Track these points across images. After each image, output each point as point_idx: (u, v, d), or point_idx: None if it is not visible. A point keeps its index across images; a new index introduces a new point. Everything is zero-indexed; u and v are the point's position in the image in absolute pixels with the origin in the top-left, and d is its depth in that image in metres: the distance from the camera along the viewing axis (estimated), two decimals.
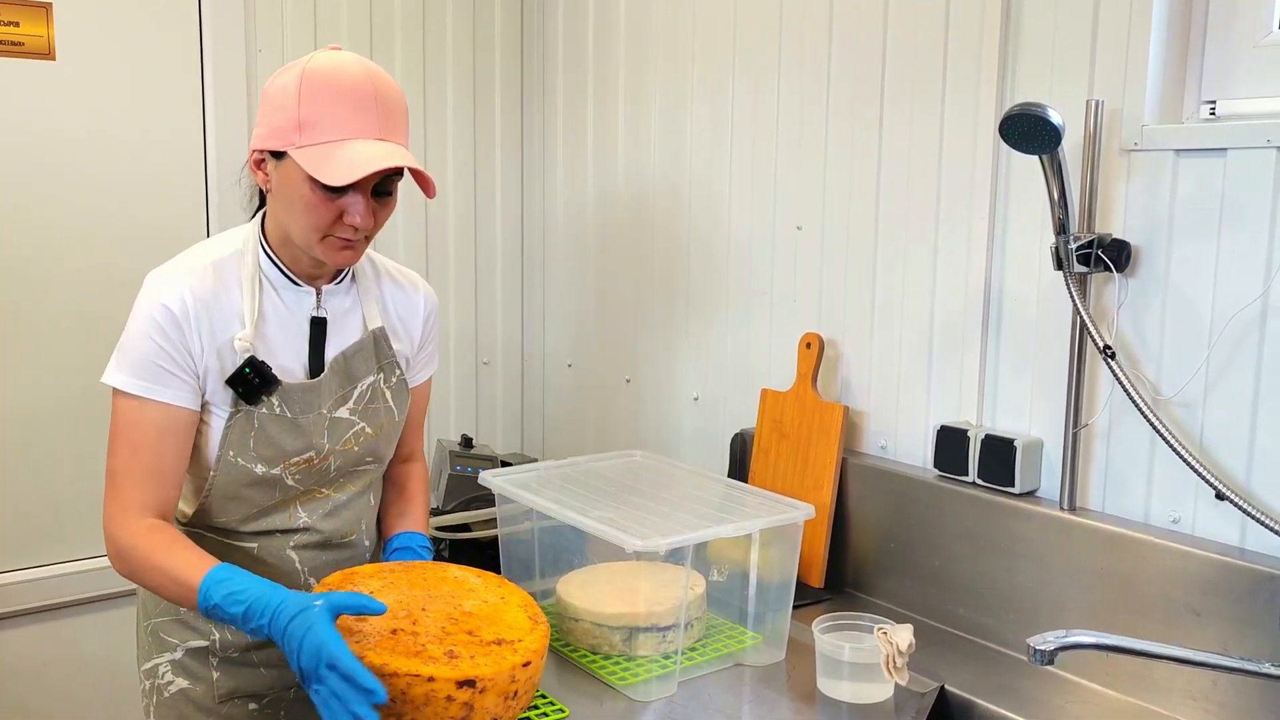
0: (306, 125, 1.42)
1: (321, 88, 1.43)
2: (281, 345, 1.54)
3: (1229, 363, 1.53)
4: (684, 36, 2.37)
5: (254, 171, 1.51)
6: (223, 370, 1.49)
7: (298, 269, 1.56)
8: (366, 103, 1.44)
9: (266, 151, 1.47)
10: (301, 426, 1.55)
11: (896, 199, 1.95)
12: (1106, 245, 1.61)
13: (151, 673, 1.63)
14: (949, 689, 1.61)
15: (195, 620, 1.60)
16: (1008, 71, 1.77)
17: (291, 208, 1.47)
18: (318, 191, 1.43)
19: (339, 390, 1.58)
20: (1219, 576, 1.49)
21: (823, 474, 2.00)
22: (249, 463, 1.52)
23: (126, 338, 1.48)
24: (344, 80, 1.44)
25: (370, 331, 1.62)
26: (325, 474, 1.60)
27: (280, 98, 1.45)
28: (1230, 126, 1.52)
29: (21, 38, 2.19)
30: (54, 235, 2.27)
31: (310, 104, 1.42)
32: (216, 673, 1.61)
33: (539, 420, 2.96)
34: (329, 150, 1.41)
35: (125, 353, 1.47)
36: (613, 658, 1.67)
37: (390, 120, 1.46)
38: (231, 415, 1.51)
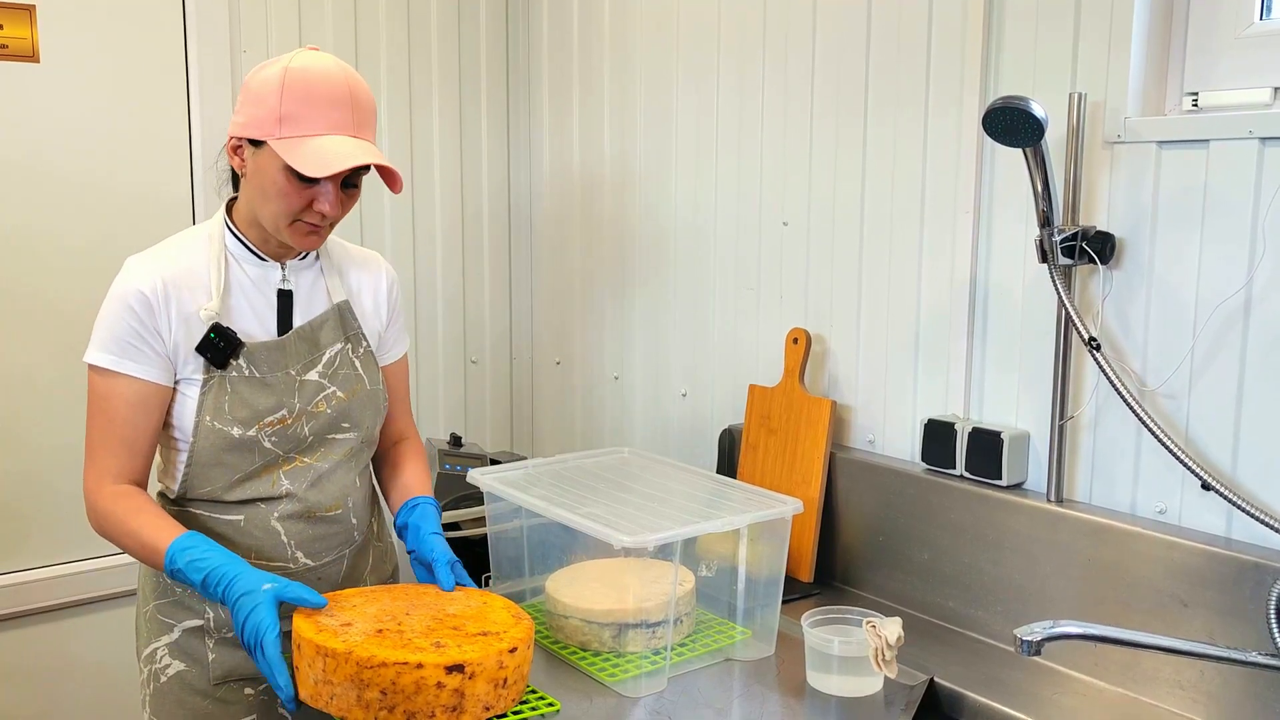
0: (287, 119, 1.53)
1: (303, 86, 1.53)
2: (248, 316, 1.64)
3: (1213, 353, 1.54)
4: (668, 33, 2.37)
5: (230, 156, 1.61)
6: (192, 340, 1.59)
7: (264, 249, 1.66)
8: (343, 102, 1.55)
9: (245, 139, 1.57)
10: (270, 385, 1.62)
11: (882, 194, 1.96)
12: (1091, 237, 1.62)
13: (150, 658, 1.67)
14: (938, 681, 1.62)
15: (191, 600, 1.65)
16: (991, 65, 1.77)
17: (265, 193, 1.57)
18: (292, 180, 1.54)
19: (307, 355, 1.67)
20: (1205, 566, 1.50)
21: (811, 469, 2.00)
22: (225, 425, 1.59)
23: (101, 317, 1.58)
24: (324, 80, 1.54)
25: (335, 304, 1.71)
26: (301, 438, 1.65)
27: (262, 91, 1.55)
28: (1212, 118, 1.53)
29: (5, 40, 2.18)
30: (38, 236, 2.26)
31: (292, 100, 1.53)
32: (212, 654, 1.65)
33: (527, 418, 2.96)
34: (306, 143, 1.52)
35: (100, 331, 1.58)
36: (602, 654, 1.67)
37: (363, 119, 1.57)
38: (205, 383, 1.59)
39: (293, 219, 1.57)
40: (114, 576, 2.38)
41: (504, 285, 2.94)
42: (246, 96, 1.57)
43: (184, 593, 1.65)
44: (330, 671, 1.36)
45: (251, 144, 1.56)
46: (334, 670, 1.36)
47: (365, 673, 1.34)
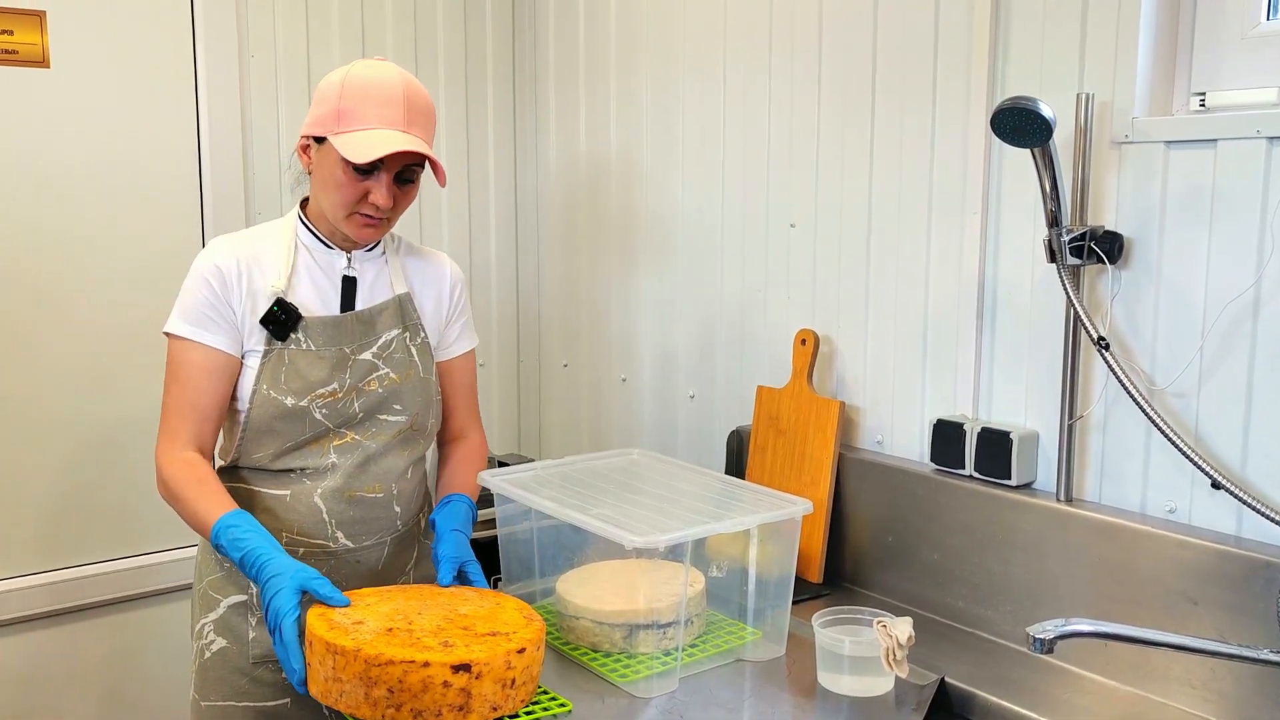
0: (344, 115, 1.65)
1: (361, 85, 1.66)
2: (312, 296, 1.74)
3: (1223, 352, 1.54)
4: (674, 34, 2.38)
5: (300, 155, 1.74)
6: (258, 315, 1.70)
7: (332, 240, 1.77)
8: (395, 100, 1.66)
9: (311, 137, 1.70)
10: (325, 359, 1.72)
11: (889, 194, 1.96)
12: (1099, 237, 1.62)
13: (199, 634, 1.76)
14: (949, 681, 1.62)
15: (238, 575, 1.74)
16: (998, 66, 1.78)
17: (326, 185, 1.69)
18: (348, 172, 1.65)
19: (363, 336, 1.76)
20: (1216, 565, 1.50)
21: (819, 470, 2.01)
22: (280, 395, 1.69)
23: (182, 291, 1.71)
24: (380, 80, 1.67)
25: (396, 295, 1.80)
26: (351, 414, 1.73)
27: (326, 92, 1.69)
28: (1220, 117, 1.53)
29: (15, 45, 2.19)
30: (47, 243, 2.27)
31: (349, 98, 1.65)
32: (253, 631, 1.73)
33: (535, 420, 2.96)
34: (357, 135, 1.64)
35: (179, 303, 1.70)
36: (613, 655, 1.67)
37: (414, 117, 1.67)
38: (265, 354, 1.70)
39: (350, 210, 1.68)
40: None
41: (511, 287, 2.94)
42: (315, 98, 1.71)
43: (232, 567, 1.73)
44: (339, 669, 1.37)
45: (316, 141, 1.69)
46: (343, 668, 1.37)
47: (373, 670, 1.35)
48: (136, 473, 2.38)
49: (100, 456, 2.37)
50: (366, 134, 1.63)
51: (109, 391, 2.37)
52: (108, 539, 2.40)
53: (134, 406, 2.38)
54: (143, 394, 2.38)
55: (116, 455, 2.38)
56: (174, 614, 2.42)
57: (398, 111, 1.65)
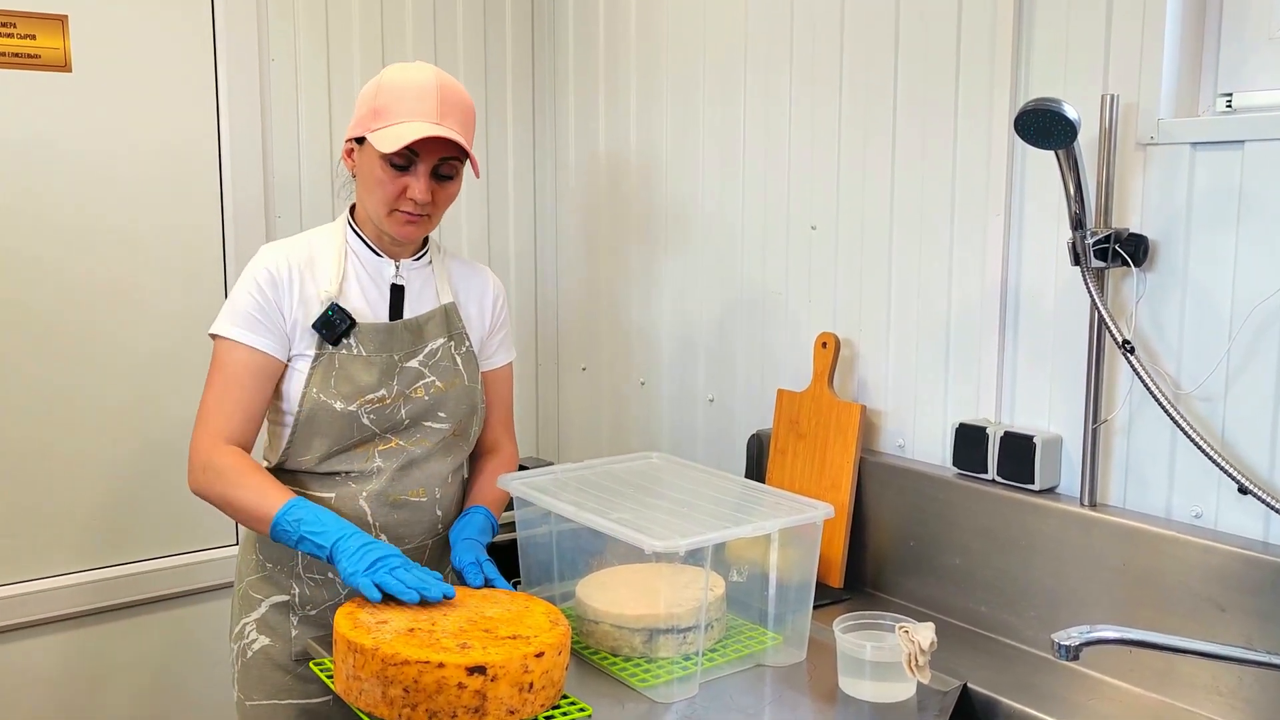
0: (380, 113, 1.68)
1: (395, 83, 1.69)
2: (362, 302, 1.77)
3: (1250, 356, 1.52)
4: (694, 36, 2.37)
5: (345, 160, 1.78)
6: (310, 319, 1.72)
7: (380, 245, 1.80)
8: (428, 94, 1.68)
9: (353, 140, 1.74)
10: (375, 365, 1.74)
11: (911, 197, 1.95)
12: (1124, 240, 1.61)
13: (239, 635, 1.79)
14: (971, 687, 1.61)
15: (280, 575, 1.78)
16: (1021, 67, 1.76)
17: (368, 185, 1.72)
18: (386, 169, 1.68)
19: (411, 344, 1.78)
20: (1243, 571, 1.48)
21: (840, 474, 2.00)
22: (329, 399, 1.72)
23: (233, 294, 1.73)
24: (413, 77, 1.69)
25: (442, 305, 1.83)
26: (398, 420, 1.76)
27: (365, 95, 1.73)
28: (1247, 118, 1.51)
29: (38, 50, 2.20)
30: (70, 245, 2.28)
31: (384, 96, 1.69)
32: (295, 629, 1.76)
33: (554, 424, 2.96)
34: (392, 130, 1.66)
35: (230, 305, 1.72)
36: (633, 660, 1.66)
37: (448, 110, 1.69)
38: (316, 358, 1.72)
39: (390, 207, 1.71)
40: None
41: (530, 290, 2.94)
42: (356, 105, 1.75)
43: (274, 568, 1.76)
44: (359, 667, 1.40)
45: (357, 143, 1.73)
46: (362, 666, 1.39)
47: (389, 670, 1.37)
48: (170, 472, 2.39)
49: (127, 456, 2.37)
50: (399, 127, 1.65)
51: (138, 391, 2.37)
52: (151, 538, 2.43)
53: (163, 405, 2.39)
54: (172, 392, 2.40)
55: (143, 454, 2.39)
56: (216, 612, 2.44)
57: (430, 105, 1.67)
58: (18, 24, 2.18)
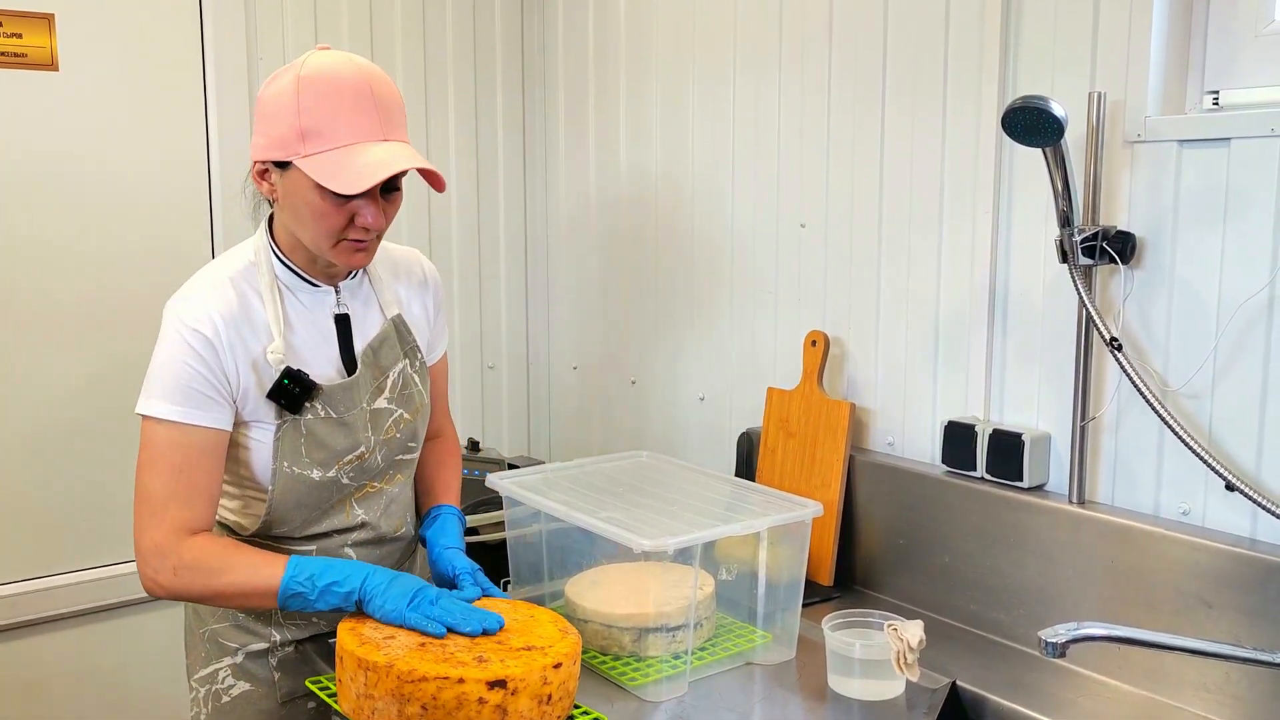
0: (309, 134, 1.41)
1: (319, 93, 1.41)
2: (311, 349, 1.56)
3: (1237, 353, 1.53)
4: (684, 35, 2.37)
5: (258, 182, 1.51)
6: (260, 385, 1.50)
7: (313, 271, 1.57)
8: (366, 104, 1.42)
9: (269, 162, 1.47)
10: (348, 424, 1.57)
11: (900, 195, 1.95)
12: (1111, 237, 1.61)
13: (209, 679, 1.65)
14: (960, 684, 1.61)
15: (254, 624, 1.64)
16: (1009, 65, 1.77)
17: (300, 216, 1.47)
18: (328, 199, 1.43)
19: (373, 382, 1.61)
20: (1230, 568, 1.49)
21: (830, 472, 2.00)
22: (305, 469, 1.55)
23: (158, 366, 1.47)
24: (341, 84, 1.42)
25: (390, 320, 1.65)
26: (375, 467, 1.63)
27: (277, 105, 1.43)
28: (1233, 116, 1.52)
29: (24, 49, 2.20)
30: (57, 246, 2.27)
31: (310, 111, 1.41)
32: (277, 673, 1.65)
33: (545, 423, 2.96)
34: (336, 158, 1.40)
35: (159, 380, 1.47)
36: (623, 658, 1.66)
37: (391, 119, 1.45)
38: (278, 427, 1.52)
39: (336, 239, 1.47)
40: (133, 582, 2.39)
41: (520, 290, 2.94)
42: (262, 114, 1.46)
43: (246, 617, 1.64)
44: (371, 685, 1.35)
45: (277, 166, 1.46)
46: (375, 684, 1.34)
47: (406, 687, 1.32)
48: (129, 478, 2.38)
49: (96, 463, 2.36)
50: (345, 154, 1.40)
51: (113, 397, 2.36)
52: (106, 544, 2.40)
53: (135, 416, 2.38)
54: None
55: (113, 461, 2.38)
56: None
57: (372, 118, 1.42)
58: (4, 22, 2.17)
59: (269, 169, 1.48)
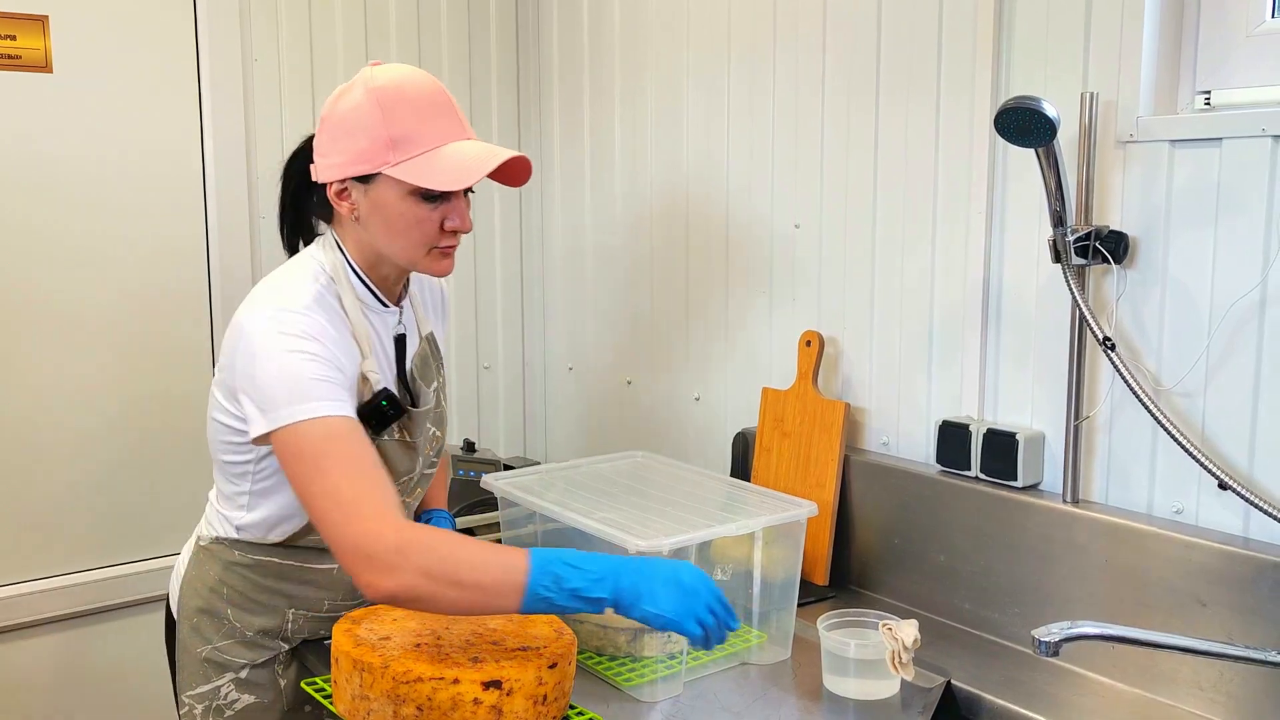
0: (400, 141, 1.42)
1: (402, 102, 1.43)
2: (382, 369, 1.56)
3: (1229, 351, 1.53)
4: (678, 36, 2.37)
5: (336, 203, 1.50)
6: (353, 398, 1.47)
7: (385, 292, 1.57)
8: (446, 107, 1.46)
9: (350, 179, 1.47)
10: (416, 447, 1.60)
11: (893, 195, 1.95)
12: (1104, 237, 1.62)
13: (209, 695, 1.62)
14: (955, 683, 1.61)
15: (263, 640, 1.63)
16: (1002, 65, 1.77)
17: (392, 228, 1.47)
18: (420, 204, 1.45)
19: (426, 403, 1.62)
20: (1223, 566, 1.49)
21: (825, 472, 2.00)
22: None
23: (280, 374, 1.38)
24: (420, 89, 1.45)
25: (424, 338, 1.66)
26: (411, 485, 1.64)
27: (356, 121, 1.44)
28: (1225, 116, 1.52)
29: (18, 51, 2.19)
30: (51, 248, 2.27)
31: (397, 120, 1.42)
32: (283, 680, 1.65)
33: (540, 423, 2.96)
34: (429, 160, 1.42)
35: (288, 387, 1.38)
36: (619, 659, 1.67)
37: (464, 118, 1.49)
38: None
39: (430, 246, 1.48)
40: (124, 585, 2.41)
41: (516, 290, 2.94)
42: (337, 133, 1.46)
43: (255, 634, 1.62)
44: (366, 686, 1.35)
45: (359, 181, 1.46)
46: (370, 685, 1.35)
47: (401, 688, 1.32)
48: (154, 474, 2.40)
49: (87, 466, 2.36)
50: (437, 156, 1.43)
51: (106, 399, 2.37)
52: (138, 539, 2.41)
53: (133, 413, 2.38)
54: (143, 401, 2.39)
55: (104, 464, 2.38)
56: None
57: (454, 118, 1.46)
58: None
59: (348, 186, 1.48)
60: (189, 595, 1.64)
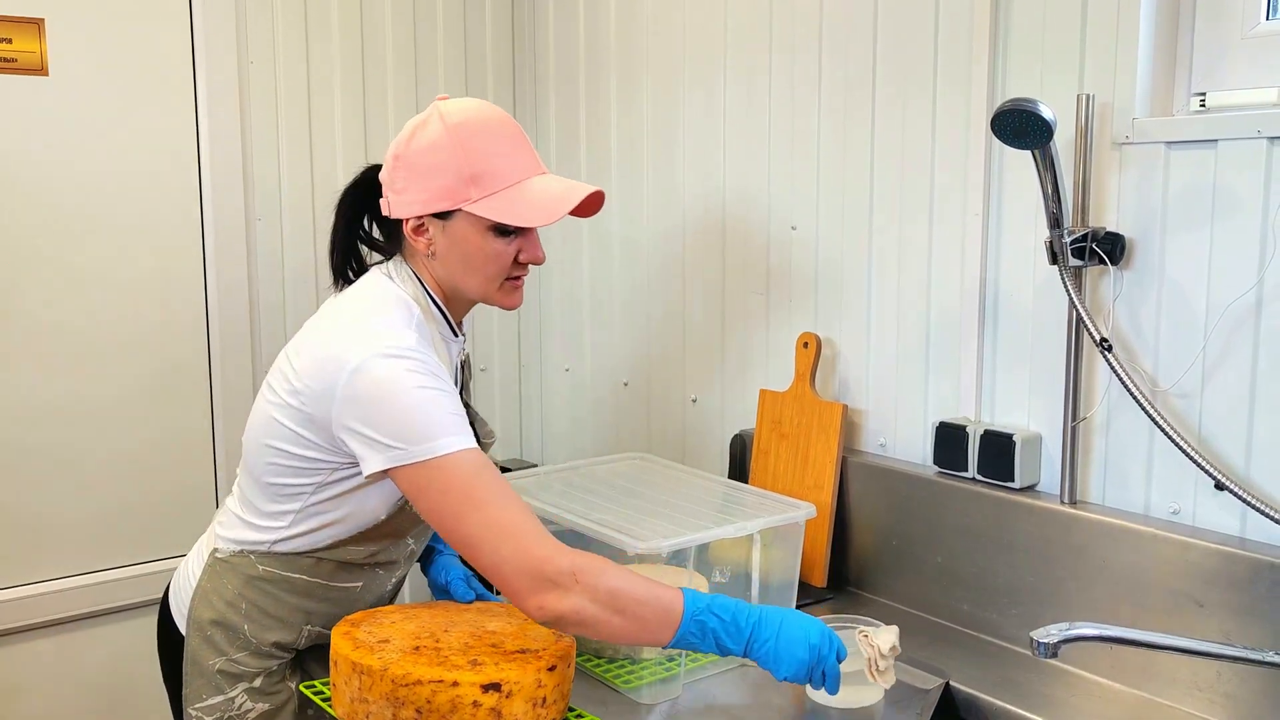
0: (480, 178, 1.46)
1: (480, 137, 1.47)
2: None
3: (1225, 352, 1.54)
4: (674, 39, 2.38)
5: (413, 239, 1.53)
6: None
7: (456, 321, 1.62)
8: (521, 142, 1.50)
9: (427, 215, 1.50)
10: None
11: (890, 197, 1.96)
12: (1100, 238, 1.62)
13: (221, 707, 1.61)
14: (953, 685, 1.61)
15: (276, 651, 1.62)
16: (998, 67, 1.77)
17: (471, 263, 1.51)
18: (498, 239, 1.49)
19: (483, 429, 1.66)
20: (1220, 566, 1.49)
21: (823, 473, 2.00)
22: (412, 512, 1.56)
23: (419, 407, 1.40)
24: (497, 126, 1.49)
25: (459, 361, 1.68)
26: None
27: (433, 158, 1.47)
28: (1220, 118, 1.52)
29: (14, 54, 2.19)
30: (47, 251, 2.27)
31: (476, 157, 1.46)
32: (294, 683, 1.65)
33: (537, 426, 2.96)
34: (510, 196, 1.46)
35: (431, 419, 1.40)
36: (617, 661, 1.67)
37: (535, 151, 1.54)
38: None
39: (505, 278, 1.53)
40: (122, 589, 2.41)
41: None
42: (415, 170, 1.48)
43: (271, 647, 1.62)
44: (365, 689, 1.35)
45: (437, 218, 1.50)
46: (369, 688, 1.35)
47: (400, 691, 1.32)
48: (152, 476, 2.40)
49: (82, 470, 2.35)
50: (520, 191, 1.47)
51: (99, 406, 2.36)
52: (139, 542, 2.41)
53: (125, 421, 2.38)
54: (136, 408, 2.39)
55: (99, 469, 2.38)
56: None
57: (529, 152, 1.51)
58: None
59: (425, 222, 1.51)
60: (202, 607, 1.61)
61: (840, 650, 1.42)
